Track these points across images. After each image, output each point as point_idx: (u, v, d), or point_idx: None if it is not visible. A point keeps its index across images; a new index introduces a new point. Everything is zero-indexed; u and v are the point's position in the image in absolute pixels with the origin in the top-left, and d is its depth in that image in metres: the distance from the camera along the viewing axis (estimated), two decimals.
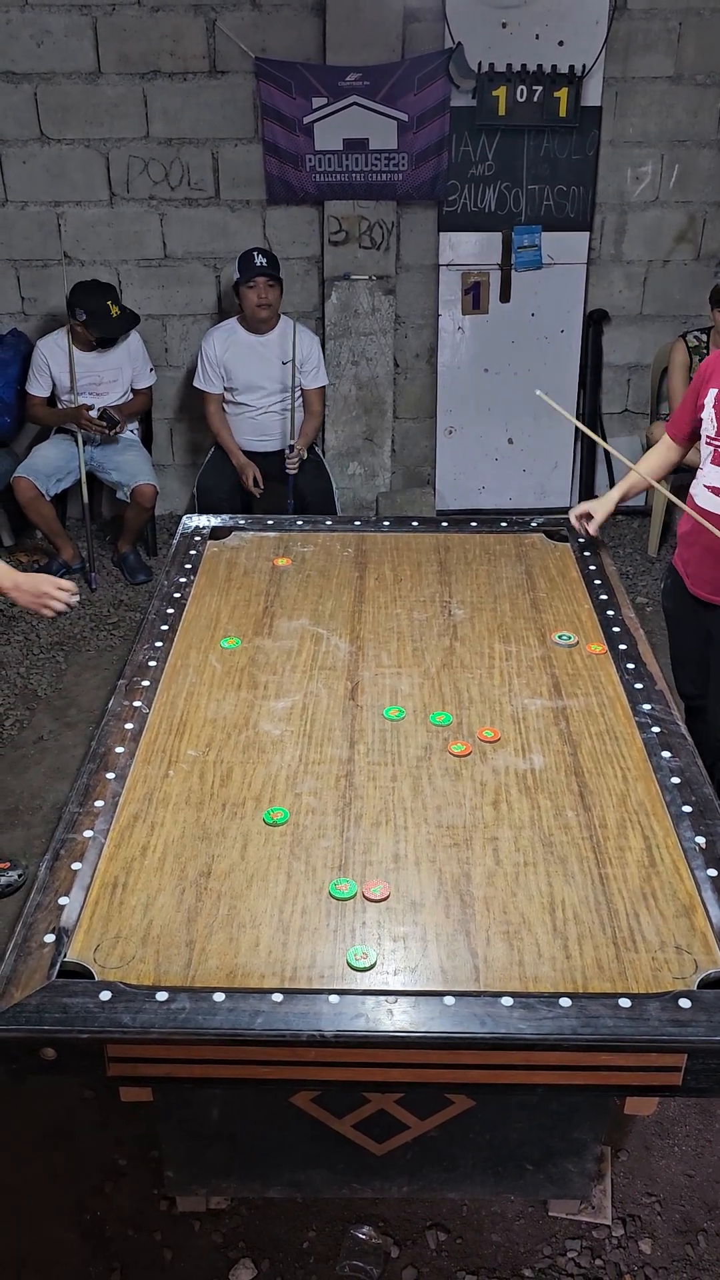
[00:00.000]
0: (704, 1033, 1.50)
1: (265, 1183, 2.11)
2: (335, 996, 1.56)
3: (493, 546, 2.94)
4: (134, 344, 4.60)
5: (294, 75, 4.40)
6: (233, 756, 2.09)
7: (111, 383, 4.56)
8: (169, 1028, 1.51)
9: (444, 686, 2.31)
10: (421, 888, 1.77)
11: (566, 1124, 1.96)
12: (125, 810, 1.94)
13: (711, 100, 4.63)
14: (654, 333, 5.07)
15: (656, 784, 1.99)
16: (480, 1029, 1.51)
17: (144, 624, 2.54)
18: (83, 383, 4.49)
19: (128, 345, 4.58)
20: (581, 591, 2.69)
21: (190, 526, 3.04)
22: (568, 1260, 2.13)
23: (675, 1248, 2.16)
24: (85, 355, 4.48)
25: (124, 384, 4.62)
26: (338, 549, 2.93)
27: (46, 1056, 1.53)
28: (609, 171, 4.75)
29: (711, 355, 2.81)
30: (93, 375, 4.50)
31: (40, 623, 4.40)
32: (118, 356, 4.55)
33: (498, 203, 4.73)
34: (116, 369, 4.56)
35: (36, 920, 1.68)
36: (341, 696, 2.28)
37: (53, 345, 4.48)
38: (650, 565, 4.84)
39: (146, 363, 4.67)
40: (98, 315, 4.36)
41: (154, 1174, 2.26)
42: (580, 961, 1.63)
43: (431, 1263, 2.13)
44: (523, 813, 1.93)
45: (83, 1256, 2.14)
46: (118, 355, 4.55)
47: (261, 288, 4.33)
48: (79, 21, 4.35)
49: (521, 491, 5.25)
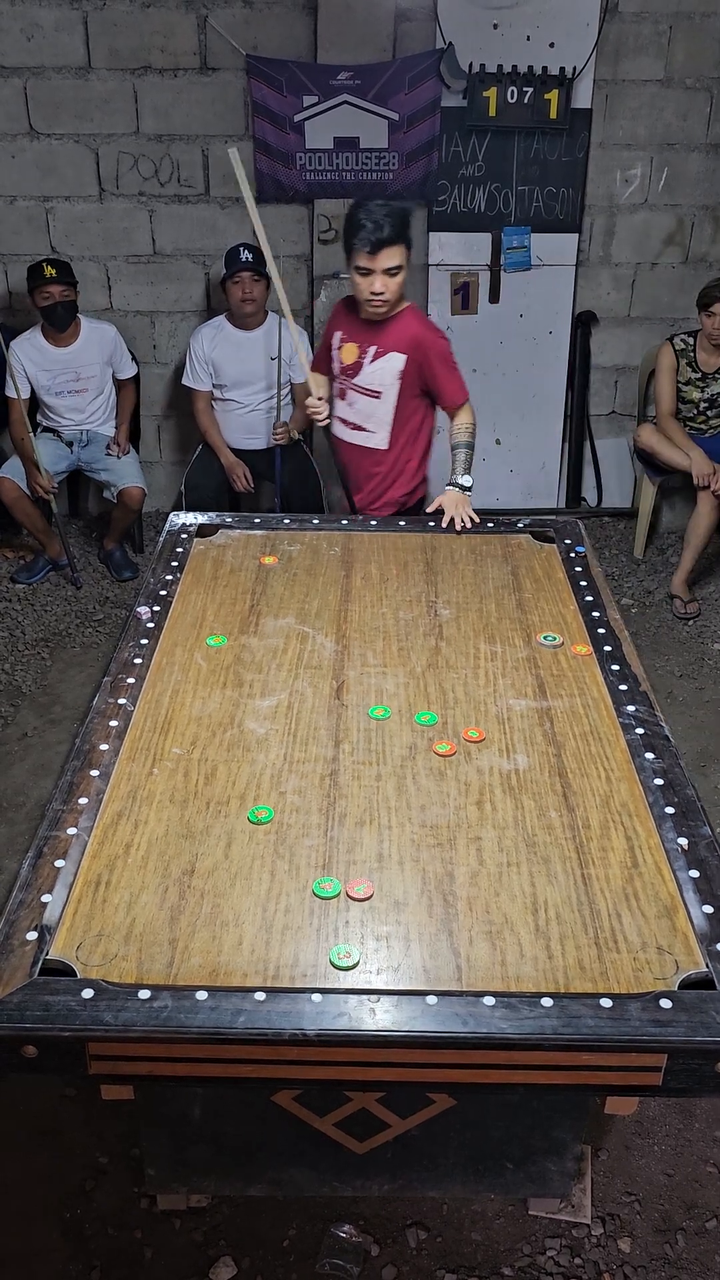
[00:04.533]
0: (684, 1033, 1.51)
1: (246, 1181, 2.11)
2: (318, 995, 1.56)
3: (479, 547, 2.95)
4: (109, 335, 4.54)
5: (285, 73, 4.39)
6: (217, 755, 2.08)
7: (90, 378, 4.50)
8: (151, 1026, 1.51)
9: (429, 686, 2.31)
10: (405, 887, 1.77)
11: (547, 1123, 1.97)
12: (109, 808, 1.94)
13: (701, 104, 4.65)
14: (642, 335, 5.09)
15: (640, 785, 2.00)
16: (462, 1028, 1.52)
17: (129, 621, 2.54)
18: (60, 380, 4.45)
19: (103, 337, 4.52)
20: (567, 592, 2.70)
21: (177, 524, 3.03)
22: (547, 1259, 2.14)
23: (654, 1246, 2.18)
24: (59, 351, 4.42)
25: (104, 379, 4.56)
26: (324, 548, 2.93)
27: (27, 1054, 1.53)
28: (598, 174, 4.76)
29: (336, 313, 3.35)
30: (69, 372, 4.45)
31: (26, 618, 4.39)
32: (94, 350, 4.49)
33: (487, 203, 4.74)
34: (93, 363, 4.49)
35: (19, 917, 1.68)
36: (327, 695, 2.28)
37: (24, 343, 4.42)
38: (636, 567, 4.86)
39: (125, 354, 4.62)
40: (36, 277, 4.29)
41: (135, 1172, 2.25)
42: (562, 961, 1.64)
43: (411, 1261, 2.13)
44: (506, 813, 1.94)
45: (62, 1255, 2.13)
46: (93, 349, 4.48)
47: (246, 282, 4.32)
48: (69, 16, 4.34)
49: (509, 492, 5.26)
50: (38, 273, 4.30)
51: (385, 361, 3.23)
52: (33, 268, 4.33)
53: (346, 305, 3.35)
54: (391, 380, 3.25)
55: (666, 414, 4.63)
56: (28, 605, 4.51)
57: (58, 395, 4.48)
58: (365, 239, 2.99)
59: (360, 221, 2.99)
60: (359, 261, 3.06)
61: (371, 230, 2.98)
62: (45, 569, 4.70)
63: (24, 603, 4.52)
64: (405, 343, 3.22)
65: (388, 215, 2.99)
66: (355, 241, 3.02)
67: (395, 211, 3.03)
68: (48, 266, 4.29)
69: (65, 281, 4.32)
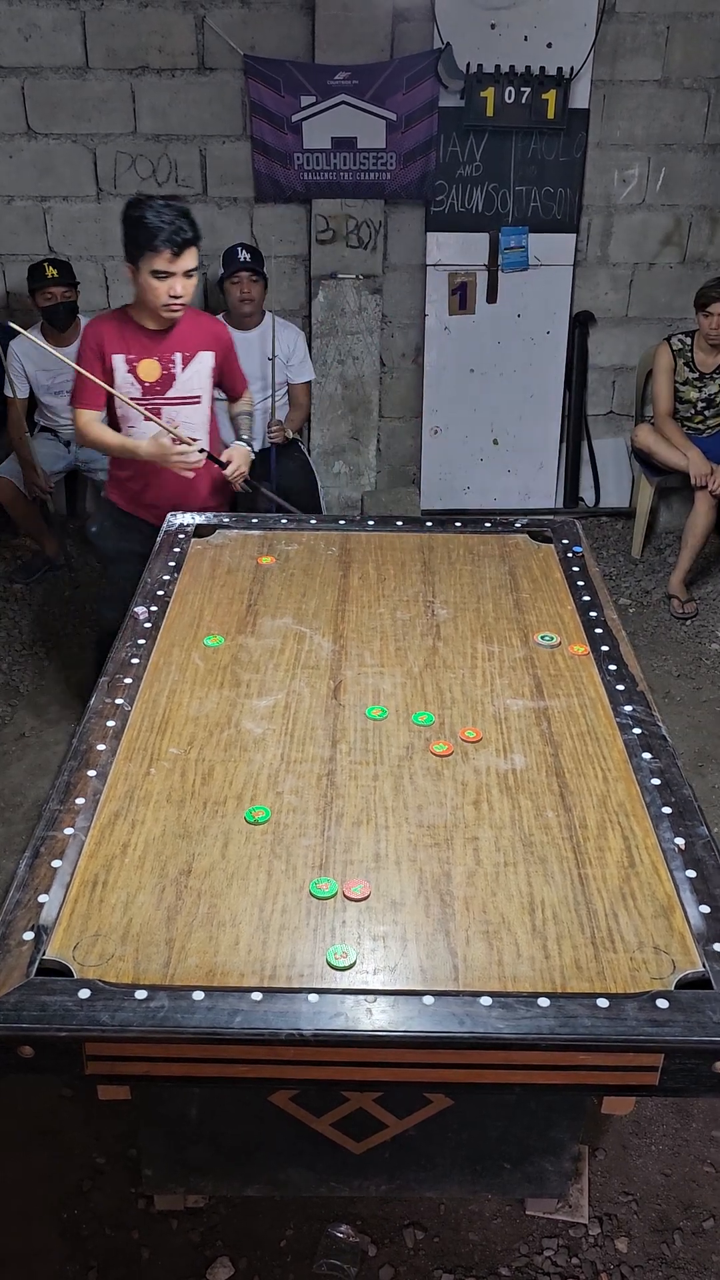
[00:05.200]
0: (681, 1033, 1.51)
1: (243, 1181, 2.11)
2: (314, 995, 1.56)
3: (477, 547, 2.95)
4: None
5: (283, 73, 4.39)
6: (214, 755, 2.08)
7: None
8: (147, 1026, 1.51)
9: (426, 686, 2.31)
10: (402, 887, 1.77)
11: (544, 1123, 1.97)
12: (106, 808, 1.94)
13: (698, 104, 4.65)
14: (639, 335, 5.09)
15: (637, 785, 2.00)
16: (459, 1028, 1.51)
17: (127, 621, 2.54)
18: (60, 379, 4.44)
19: None
20: (565, 593, 2.70)
21: (174, 524, 3.03)
22: (544, 1259, 2.14)
23: (651, 1246, 2.18)
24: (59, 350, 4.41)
25: None
26: (322, 548, 2.93)
27: (24, 1054, 1.53)
28: (596, 174, 4.76)
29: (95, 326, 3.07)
30: (68, 371, 4.44)
31: (23, 618, 4.39)
32: None
33: (485, 203, 4.74)
34: None
35: (15, 917, 1.68)
36: (324, 695, 2.28)
37: (24, 343, 4.42)
38: (633, 567, 4.86)
39: None
40: (37, 277, 4.30)
41: (132, 1172, 2.25)
42: (559, 961, 1.64)
43: (409, 1261, 2.13)
44: (503, 813, 1.94)
45: (60, 1255, 2.13)
46: None
47: (244, 282, 4.32)
48: (67, 16, 4.34)
49: (506, 492, 5.27)
50: (39, 273, 4.30)
51: (197, 364, 3.11)
52: (34, 268, 4.33)
53: (109, 323, 3.06)
54: (206, 382, 3.16)
55: (664, 414, 4.63)
56: (25, 605, 4.51)
57: (57, 395, 4.48)
58: (168, 240, 2.80)
59: (154, 223, 2.78)
60: (157, 265, 2.83)
61: (173, 231, 2.80)
62: (42, 569, 4.69)
63: (21, 603, 4.52)
64: (208, 340, 3.13)
65: (182, 214, 2.83)
66: (155, 243, 2.80)
67: (186, 210, 2.86)
68: (49, 267, 4.29)
69: (67, 282, 4.32)
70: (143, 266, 2.86)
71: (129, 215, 2.84)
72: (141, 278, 2.89)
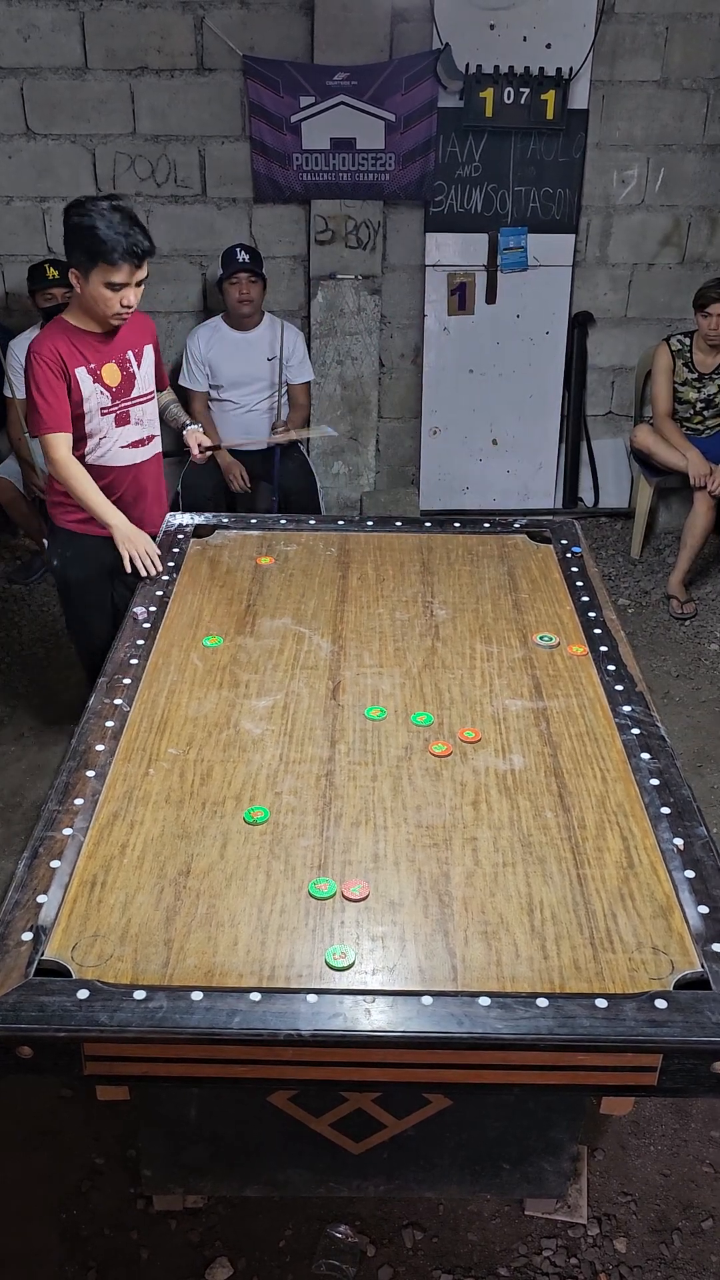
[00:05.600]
0: (679, 1033, 1.51)
1: (242, 1181, 2.11)
2: (313, 996, 1.56)
3: (475, 547, 2.95)
4: None
5: (282, 74, 4.39)
6: (213, 755, 2.08)
7: None
8: (146, 1026, 1.51)
9: (425, 687, 2.31)
10: (400, 887, 1.77)
11: (543, 1123, 1.97)
12: (105, 808, 1.94)
13: (697, 104, 4.65)
14: (638, 335, 5.09)
15: (636, 785, 2.00)
16: (457, 1029, 1.52)
17: (126, 621, 2.54)
18: None
19: None
20: (563, 593, 2.70)
21: (173, 525, 3.03)
22: (543, 1259, 2.14)
23: (650, 1246, 2.18)
24: None
25: None
26: (321, 548, 2.93)
27: (23, 1055, 1.53)
28: (595, 174, 4.76)
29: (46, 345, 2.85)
30: None
31: (22, 619, 4.39)
32: None
33: (484, 204, 4.74)
34: None
35: (14, 918, 1.68)
36: (323, 696, 2.28)
37: (24, 343, 4.41)
38: (632, 567, 4.86)
39: None
40: (38, 278, 4.31)
41: (131, 1172, 2.25)
42: (558, 962, 1.64)
43: (408, 1261, 2.13)
44: (502, 813, 1.94)
45: (59, 1256, 2.13)
46: None
47: (243, 283, 4.33)
48: (66, 16, 4.34)
49: (505, 493, 5.27)
50: (39, 274, 4.30)
51: (145, 358, 3.06)
52: (34, 269, 4.33)
53: (58, 339, 2.87)
54: (151, 373, 3.10)
55: (663, 414, 4.63)
56: (24, 606, 4.51)
57: None
58: (126, 254, 2.67)
59: (109, 235, 2.64)
60: (115, 277, 2.70)
61: (131, 244, 2.67)
62: (42, 569, 4.69)
63: (20, 603, 4.52)
64: (146, 334, 3.10)
65: (134, 222, 2.70)
66: (113, 258, 2.66)
67: (134, 214, 2.73)
68: (49, 267, 4.30)
69: (67, 283, 4.31)
70: (95, 278, 2.72)
71: (77, 223, 2.67)
72: (93, 288, 2.75)
